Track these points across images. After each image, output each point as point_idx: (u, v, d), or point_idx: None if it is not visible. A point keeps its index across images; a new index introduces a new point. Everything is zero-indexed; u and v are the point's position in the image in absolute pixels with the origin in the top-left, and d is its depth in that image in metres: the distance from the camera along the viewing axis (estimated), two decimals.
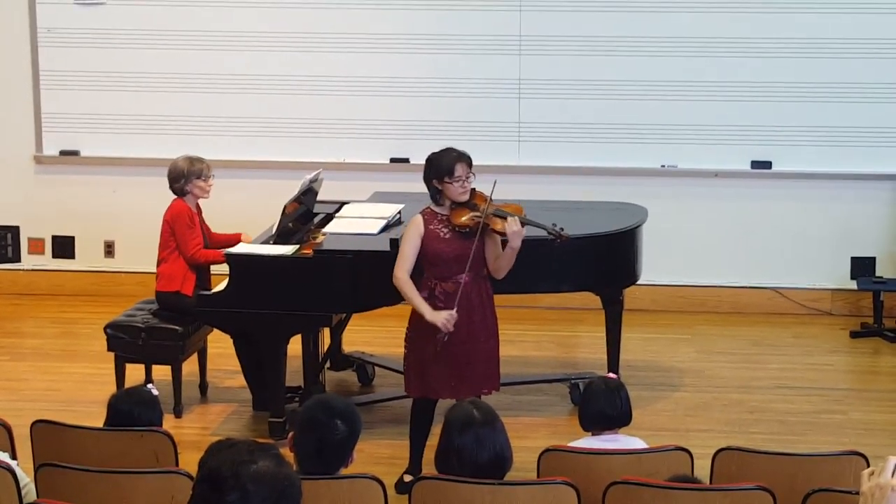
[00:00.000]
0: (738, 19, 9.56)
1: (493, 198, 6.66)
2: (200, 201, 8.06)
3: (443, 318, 6.56)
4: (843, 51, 9.51)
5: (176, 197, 7.98)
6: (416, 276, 6.75)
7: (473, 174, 6.66)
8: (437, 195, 6.69)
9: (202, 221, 8.10)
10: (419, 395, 6.83)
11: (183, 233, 7.87)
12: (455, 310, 6.57)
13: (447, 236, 6.65)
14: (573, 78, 9.70)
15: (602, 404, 5.68)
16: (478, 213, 6.61)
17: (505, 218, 6.60)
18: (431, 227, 6.67)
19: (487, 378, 6.80)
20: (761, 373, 8.63)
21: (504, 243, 6.65)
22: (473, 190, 6.69)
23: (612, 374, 6.20)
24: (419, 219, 6.71)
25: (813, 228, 9.80)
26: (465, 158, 6.64)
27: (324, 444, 4.59)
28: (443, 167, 6.61)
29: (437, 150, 6.75)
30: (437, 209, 6.72)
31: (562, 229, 6.76)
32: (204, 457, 3.30)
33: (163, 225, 7.97)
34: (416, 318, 6.77)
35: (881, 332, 9.32)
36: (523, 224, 6.62)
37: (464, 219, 6.62)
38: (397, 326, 6.92)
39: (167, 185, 7.96)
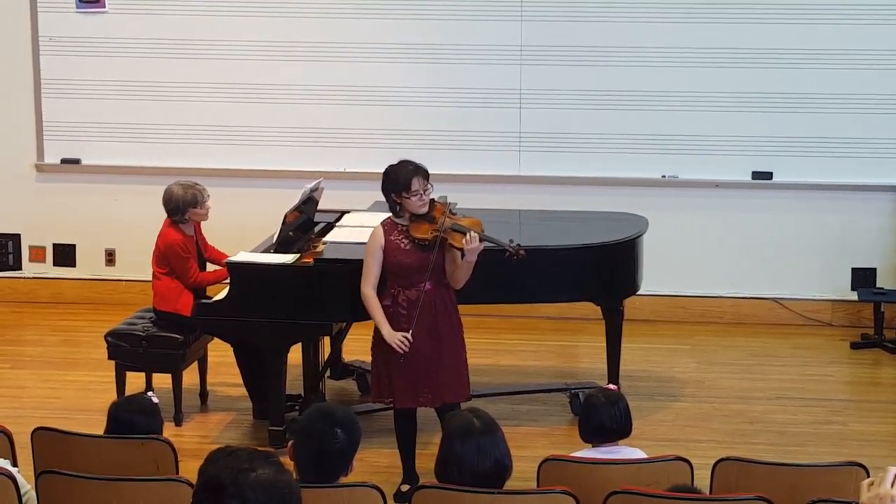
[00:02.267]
0: (739, 30, 9.57)
1: (452, 210, 6.70)
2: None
3: (397, 339, 6.62)
4: (845, 61, 9.52)
5: (168, 219, 7.96)
6: (380, 283, 6.80)
7: (431, 185, 6.70)
8: (396, 207, 6.72)
9: (201, 239, 8.10)
10: (390, 402, 6.85)
11: (179, 264, 7.87)
12: (413, 328, 6.61)
13: (407, 247, 6.70)
14: (574, 88, 9.70)
15: (602, 417, 5.67)
16: (437, 227, 6.64)
17: (462, 233, 6.63)
18: (392, 237, 6.72)
19: (456, 386, 6.81)
20: (761, 383, 8.63)
21: (461, 256, 6.69)
22: (433, 201, 6.73)
23: (612, 386, 6.20)
24: (379, 231, 6.77)
25: (813, 239, 9.80)
26: (422, 172, 6.68)
27: (323, 452, 4.58)
28: (399, 182, 6.65)
29: (394, 162, 6.79)
30: (397, 220, 6.77)
31: (518, 246, 6.76)
32: (204, 465, 3.30)
33: (155, 248, 7.96)
34: (377, 328, 6.83)
35: (882, 344, 9.32)
36: (481, 240, 6.64)
37: (423, 232, 6.66)
38: None
39: None
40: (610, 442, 5.69)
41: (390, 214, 6.81)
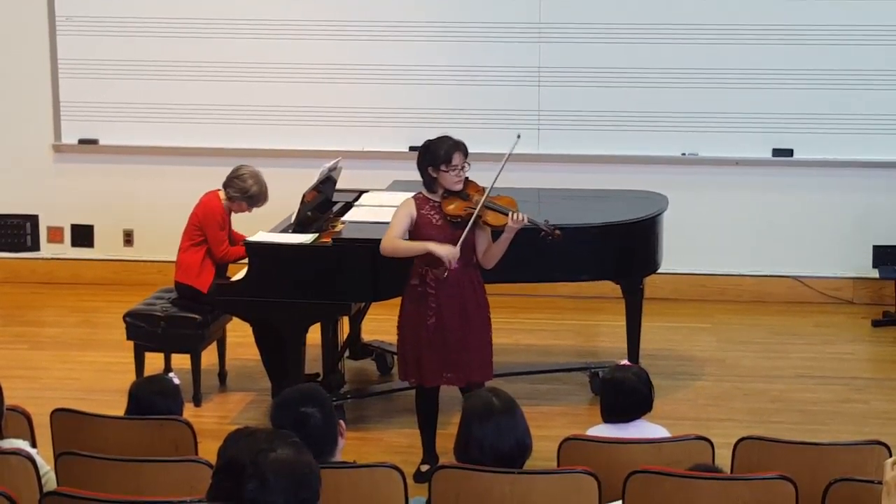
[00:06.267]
0: (760, 6, 9.51)
1: (489, 190, 6.62)
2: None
3: (448, 251, 6.52)
4: (866, 38, 9.45)
5: (215, 190, 7.96)
6: (407, 263, 6.74)
7: (468, 164, 6.63)
8: (431, 183, 6.66)
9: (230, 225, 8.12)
10: (415, 382, 6.83)
11: (215, 233, 7.88)
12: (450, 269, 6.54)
13: (438, 223, 6.63)
14: (593, 65, 9.66)
15: (622, 393, 5.65)
16: (471, 205, 6.58)
17: (500, 211, 6.58)
18: (423, 211, 6.65)
19: (481, 366, 6.78)
20: (782, 362, 8.60)
21: (497, 234, 6.64)
22: (467, 179, 6.67)
23: (625, 363, 6.16)
24: (411, 202, 6.69)
25: (834, 216, 9.75)
26: (462, 147, 6.61)
27: (307, 438, 4.53)
28: (439, 155, 6.57)
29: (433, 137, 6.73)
30: (429, 195, 6.70)
31: (554, 227, 6.72)
32: (223, 445, 3.30)
33: (191, 216, 7.96)
34: (404, 306, 6.79)
35: None
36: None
37: (456, 209, 6.59)
38: None
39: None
40: (631, 419, 5.66)
41: (420, 191, 6.74)
